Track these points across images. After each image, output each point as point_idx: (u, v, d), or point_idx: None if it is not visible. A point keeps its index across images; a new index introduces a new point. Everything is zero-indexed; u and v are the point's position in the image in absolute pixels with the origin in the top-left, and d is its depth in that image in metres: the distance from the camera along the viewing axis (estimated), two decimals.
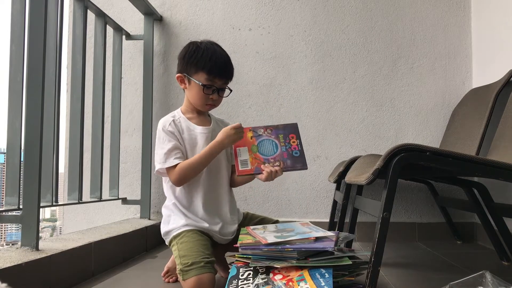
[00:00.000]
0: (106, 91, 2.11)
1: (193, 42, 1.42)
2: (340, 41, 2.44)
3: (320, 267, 1.14)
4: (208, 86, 1.36)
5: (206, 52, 1.37)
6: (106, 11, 2.11)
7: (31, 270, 1.18)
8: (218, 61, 1.37)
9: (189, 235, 1.33)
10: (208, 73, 1.35)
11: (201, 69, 1.36)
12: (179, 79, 1.42)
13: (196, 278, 1.20)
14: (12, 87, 1.38)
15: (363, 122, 2.41)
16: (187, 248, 1.28)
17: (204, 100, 1.39)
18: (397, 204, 2.35)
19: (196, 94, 1.38)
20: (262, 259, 1.20)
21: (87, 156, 2.07)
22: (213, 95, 1.38)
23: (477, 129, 1.85)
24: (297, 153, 1.38)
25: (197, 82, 1.36)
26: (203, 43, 1.41)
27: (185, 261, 1.24)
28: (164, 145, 1.35)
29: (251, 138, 1.38)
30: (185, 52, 1.40)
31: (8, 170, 1.37)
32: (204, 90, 1.37)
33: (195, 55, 1.37)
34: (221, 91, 1.40)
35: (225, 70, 1.39)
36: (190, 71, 1.38)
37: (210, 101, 1.40)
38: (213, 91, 1.38)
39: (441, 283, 1.08)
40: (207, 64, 1.35)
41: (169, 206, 1.42)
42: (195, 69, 1.37)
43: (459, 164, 1.24)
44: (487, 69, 2.23)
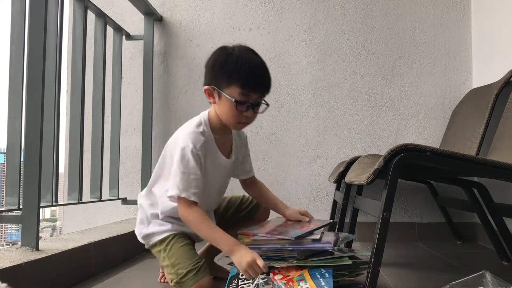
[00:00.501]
0: (106, 91, 2.11)
1: (224, 48, 1.23)
2: (340, 41, 2.44)
3: (320, 267, 1.14)
4: (242, 102, 1.17)
5: (239, 61, 1.17)
6: (106, 11, 2.11)
7: (31, 270, 1.18)
8: (254, 72, 1.18)
9: (175, 239, 1.26)
10: (243, 87, 1.16)
11: (234, 82, 1.16)
12: (207, 92, 1.23)
13: (197, 286, 1.18)
14: (12, 87, 1.38)
15: (363, 122, 2.41)
16: (177, 255, 1.23)
17: (237, 118, 1.20)
18: (397, 204, 2.35)
19: (228, 111, 1.20)
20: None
21: (87, 156, 2.07)
22: (247, 112, 1.20)
23: (477, 129, 1.85)
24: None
25: (229, 97, 1.17)
26: (235, 49, 1.21)
27: (180, 271, 1.19)
28: (188, 170, 1.17)
29: None
30: (215, 61, 1.21)
31: (8, 170, 1.37)
32: (238, 106, 1.17)
33: (226, 64, 1.18)
34: (256, 106, 1.21)
35: (262, 82, 1.20)
36: (220, 84, 1.19)
37: (244, 119, 1.21)
38: (248, 108, 1.19)
39: (441, 283, 1.08)
40: (242, 76, 1.16)
41: (147, 213, 1.32)
42: (227, 82, 1.17)
43: (459, 164, 1.24)
44: (487, 69, 2.23)
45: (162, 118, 2.44)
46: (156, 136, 2.40)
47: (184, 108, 2.43)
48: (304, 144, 2.41)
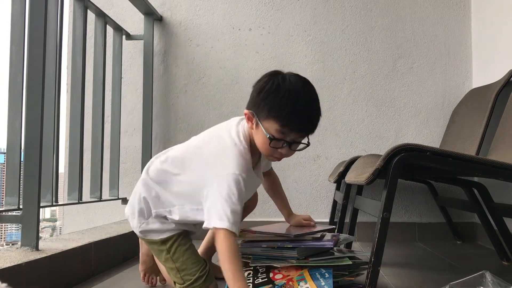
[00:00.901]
0: (106, 91, 2.11)
1: (276, 75, 1.10)
2: (340, 41, 2.44)
3: (320, 267, 1.14)
4: (277, 139, 1.08)
5: (287, 96, 1.06)
6: (106, 11, 2.10)
7: (31, 270, 1.18)
8: (300, 112, 1.06)
9: (179, 241, 1.19)
10: (282, 126, 1.06)
11: (273, 118, 1.06)
12: (246, 116, 1.12)
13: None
14: (12, 87, 1.38)
15: (363, 122, 2.41)
16: (183, 260, 1.18)
17: (270, 152, 1.11)
18: (397, 204, 2.35)
19: (262, 144, 1.11)
20: (262, 258, 1.21)
21: (87, 156, 2.07)
22: (282, 149, 1.10)
23: (477, 129, 1.85)
24: None
25: (264, 132, 1.08)
26: (287, 80, 1.08)
27: (187, 277, 1.15)
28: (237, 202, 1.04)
29: None
30: (262, 88, 1.09)
31: (8, 170, 1.37)
32: (271, 143, 1.08)
33: (271, 96, 1.06)
34: (295, 144, 1.11)
35: (305, 124, 1.09)
36: (260, 114, 1.08)
37: (278, 154, 1.12)
38: (283, 145, 1.09)
39: (441, 283, 1.08)
40: (283, 114, 1.05)
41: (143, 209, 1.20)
42: (267, 114, 1.07)
43: (459, 164, 1.24)
44: (487, 69, 2.23)
45: (162, 118, 2.44)
46: (156, 136, 2.40)
47: (184, 108, 2.43)
48: None
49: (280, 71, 1.13)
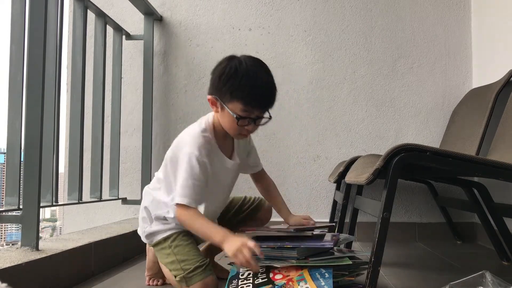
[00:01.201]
0: (106, 91, 2.11)
1: (233, 59, 1.19)
2: (340, 41, 2.44)
3: (320, 267, 1.14)
4: (243, 117, 1.18)
5: (246, 77, 1.15)
6: (106, 11, 2.11)
7: (31, 270, 1.18)
8: (259, 91, 1.17)
9: (180, 237, 1.26)
10: (245, 105, 1.16)
11: (236, 99, 1.16)
12: (210, 102, 1.22)
13: (202, 283, 1.18)
14: (12, 87, 1.38)
15: (363, 122, 2.41)
16: (184, 252, 1.23)
17: (238, 130, 1.21)
18: (397, 204, 2.35)
19: (229, 124, 1.21)
20: (261, 259, 1.20)
21: (87, 156, 2.07)
22: (248, 126, 1.21)
23: (477, 129, 1.85)
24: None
25: (231, 113, 1.17)
26: (243, 63, 1.18)
27: (187, 267, 1.20)
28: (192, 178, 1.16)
29: None
30: (221, 73, 1.18)
31: (8, 170, 1.37)
32: (239, 122, 1.18)
33: (232, 79, 1.16)
34: (258, 119, 1.22)
35: (265, 100, 1.20)
36: (224, 97, 1.18)
37: (245, 132, 1.23)
38: (249, 122, 1.20)
39: (441, 283, 1.08)
40: (245, 94, 1.15)
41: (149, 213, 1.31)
42: (230, 96, 1.16)
43: (459, 164, 1.24)
44: (487, 69, 2.23)
45: (162, 118, 2.44)
46: (156, 136, 2.40)
47: (184, 108, 2.43)
48: (304, 144, 2.41)
49: (235, 55, 1.22)
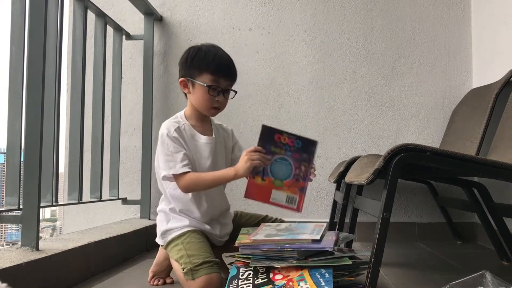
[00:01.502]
0: (106, 91, 2.11)
1: (193, 46, 1.39)
2: (340, 41, 2.44)
3: (320, 267, 1.14)
4: (213, 87, 1.32)
5: (208, 53, 1.34)
6: (106, 11, 2.11)
7: (31, 270, 1.18)
8: (222, 61, 1.35)
9: (193, 235, 1.32)
10: (213, 73, 1.32)
11: (205, 70, 1.32)
12: (182, 84, 1.38)
13: (207, 277, 1.21)
14: (12, 88, 1.38)
15: (363, 122, 2.41)
16: (195, 248, 1.27)
17: (210, 102, 1.34)
18: (397, 204, 2.35)
19: (201, 97, 1.34)
20: (262, 259, 1.20)
21: (87, 156, 2.07)
22: (219, 97, 1.34)
23: (477, 129, 1.85)
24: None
25: (201, 84, 1.32)
26: (203, 45, 1.38)
27: (195, 260, 1.23)
28: (170, 151, 1.31)
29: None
30: (187, 56, 1.37)
31: (8, 170, 1.37)
32: (210, 91, 1.32)
33: (197, 57, 1.34)
34: (226, 92, 1.37)
35: (229, 69, 1.36)
36: (193, 74, 1.34)
37: (216, 104, 1.35)
38: (219, 93, 1.34)
39: (441, 283, 1.08)
40: (211, 64, 1.32)
41: (165, 210, 1.39)
42: (199, 70, 1.33)
43: (459, 164, 1.24)
44: (487, 69, 2.23)
45: (162, 118, 2.44)
46: (156, 136, 2.39)
47: (184, 108, 2.43)
48: None
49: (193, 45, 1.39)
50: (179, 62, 1.40)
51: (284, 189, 1.27)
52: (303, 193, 1.26)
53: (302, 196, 1.26)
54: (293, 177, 1.26)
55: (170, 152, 1.31)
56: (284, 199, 1.26)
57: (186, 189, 1.31)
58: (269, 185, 1.27)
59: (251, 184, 1.28)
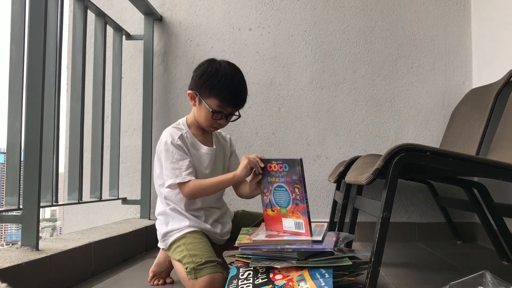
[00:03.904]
0: (106, 91, 2.11)
1: (213, 63, 1.37)
2: (340, 41, 2.44)
3: (320, 267, 1.14)
4: (218, 112, 1.34)
5: (224, 79, 1.33)
6: (106, 11, 2.11)
7: (31, 270, 1.18)
8: (233, 91, 1.34)
9: (194, 236, 1.32)
10: (221, 101, 1.32)
11: (214, 95, 1.32)
12: (190, 96, 1.38)
13: (210, 276, 1.22)
14: (12, 87, 1.38)
15: (363, 122, 2.41)
16: (197, 247, 1.28)
17: (210, 123, 1.37)
18: (397, 204, 2.35)
19: (204, 117, 1.36)
20: (262, 259, 1.20)
21: (87, 156, 2.06)
22: (221, 121, 1.37)
23: (477, 129, 1.85)
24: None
25: (207, 107, 1.33)
26: (222, 66, 1.35)
27: (198, 260, 1.24)
28: (175, 159, 1.32)
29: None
30: (203, 73, 1.35)
31: (8, 170, 1.37)
32: (213, 116, 1.34)
33: (212, 79, 1.33)
34: (230, 116, 1.38)
35: (238, 99, 1.36)
36: (203, 93, 1.34)
37: (216, 125, 1.38)
38: (221, 117, 1.36)
39: (441, 283, 1.08)
40: (222, 92, 1.32)
41: (165, 211, 1.39)
42: (209, 93, 1.33)
43: (459, 164, 1.24)
44: (487, 69, 2.23)
45: (162, 118, 2.44)
46: (156, 136, 2.40)
47: (184, 108, 2.43)
48: (304, 144, 2.41)
49: (215, 58, 1.39)
50: (194, 71, 1.40)
51: (289, 215, 1.26)
52: (306, 216, 1.22)
53: (306, 220, 1.22)
54: (293, 202, 1.25)
55: (176, 160, 1.32)
56: (293, 225, 1.25)
57: (190, 196, 1.33)
58: (278, 215, 1.28)
59: (266, 216, 1.32)
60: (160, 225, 1.40)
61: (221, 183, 1.34)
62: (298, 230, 1.24)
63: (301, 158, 1.22)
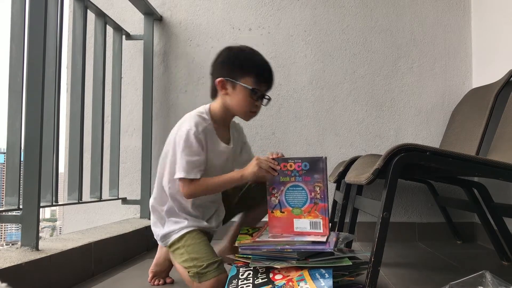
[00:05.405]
0: (106, 91, 2.11)
1: (232, 47, 1.34)
2: (340, 41, 2.44)
3: (320, 267, 1.14)
4: (255, 90, 1.28)
5: (253, 55, 1.31)
6: (106, 11, 2.11)
7: (31, 270, 1.18)
8: (265, 65, 1.32)
9: (193, 236, 1.31)
10: (256, 77, 1.28)
11: (248, 73, 1.28)
12: (220, 84, 1.31)
13: (215, 280, 1.22)
14: (12, 87, 1.38)
15: (363, 122, 2.41)
16: (196, 250, 1.28)
17: (250, 106, 1.31)
18: (397, 204, 2.35)
19: (242, 100, 1.30)
20: (262, 259, 1.20)
21: (87, 156, 2.07)
22: (257, 102, 1.31)
23: (477, 129, 1.85)
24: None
25: (245, 86, 1.28)
26: (243, 46, 1.34)
27: (200, 264, 1.24)
28: (193, 152, 1.25)
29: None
30: (228, 57, 1.32)
31: (8, 170, 1.37)
32: (252, 94, 1.28)
33: (241, 58, 1.31)
34: (264, 96, 1.33)
35: (271, 75, 1.33)
36: (235, 75, 1.29)
37: (254, 108, 1.32)
38: (258, 97, 1.31)
39: (441, 283, 1.08)
40: (255, 67, 1.29)
41: (159, 211, 1.36)
42: (241, 72, 1.29)
43: (459, 164, 1.24)
44: (487, 69, 2.23)
45: (162, 118, 2.44)
46: (156, 136, 2.40)
47: (184, 108, 2.43)
48: (304, 144, 2.41)
49: (229, 45, 1.36)
50: (216, 62, 1.35)
51: (304, 216, 1.24)
52: (325, 215, 1.22)
53: (325, 218, 1.22)
54: (311, 202, 1.23)
55: (193, 154, 1.25)
56: (307, 225, 1.24)
57: (190, 195, 1.28)
58: (289, 215, 1.25)
59: (272, 218, 1.27)
60: (155, 224, 1.38)
61: (228, 183, 1.29)
62: (314, 230, 1.23)
63: (326, 156, 1.23)
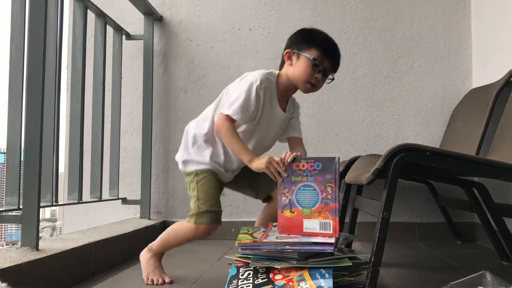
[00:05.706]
0: (106, 91, 2.11)
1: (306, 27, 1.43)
2: (340, 41, 2.43)
3: (320, 267, 1.14)
4: (317, 62, 1.34)
5: (321, 34, 1.39)
6: (106, 11, 2.11)
7: (31, 270, 1.18)
8: (333, 45, 1.38)
9: (208, 177, 1.37)
10: (321, 51, 1.34)
11: (314, 46, 1.35)
12: (287, 55, 1.40)
13: (208, 226, 1.33)
14: (12, 87, 1.38)
15: (363, 122, 2.41)
16: (206, 192, 1.35)
17: (308, 76, 1.35)
18: (397, 204, 2.35)
19: (303, 69, 1.35)
20: (262, 259, 1.20)
21: (87, 156, 2.06)
22: (318, 75, 1.35)
23: (477, 129, 1.85)
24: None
25: (307, 56, 1.34)
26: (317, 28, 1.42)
27: (202, 206, 1.33)
28: (249, 100, 1.31)
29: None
30: (300, 33, 1.40)
31: (8, 170, 1.37)
32: (313, 65, 1.33)
33: (311, 33, 1.39)
34: (325, 75, 1.39)
35: (336, 53, 1.38)
36: (302, 47, 1.37)
37: (313, 80, 1.36)
38: (319, 71, 1.35)
39: (441, 283, 1.08)
40: (322, 44, 1.36)
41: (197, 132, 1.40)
42: (308, 45, 1.36)
43: (459, 164, 1.24)
44: (487, 69, 2.23)
45: (162, 118, 2.44)
46: (156, 136, 2.40)
47: (184, 108, 2.43)
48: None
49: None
50: (289, 38, 1.43)
51: (314, 216, 1.22)
52: (336, 216, 1.20)
53: (335, 218, 1.20)
54: (321, 202, 1.22)
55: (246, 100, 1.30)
56: (317, 226, 1.22)
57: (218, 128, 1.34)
58: (298, 216, 1.24)
59: (282, 218, 1.26)
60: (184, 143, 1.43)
61: (238, 152, 1.32)
62: (323, 231, 1.21)
63: (339, 157, 1.25)
